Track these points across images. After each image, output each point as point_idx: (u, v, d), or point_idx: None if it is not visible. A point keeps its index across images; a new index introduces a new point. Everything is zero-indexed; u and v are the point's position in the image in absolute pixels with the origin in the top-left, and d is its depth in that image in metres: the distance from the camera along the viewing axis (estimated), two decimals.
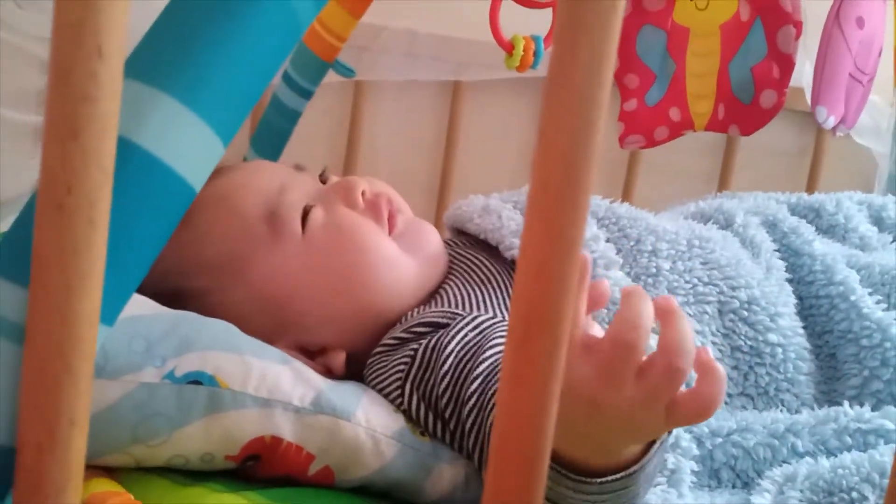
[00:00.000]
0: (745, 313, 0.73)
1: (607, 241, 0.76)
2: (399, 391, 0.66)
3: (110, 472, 0.58)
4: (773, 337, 0.72)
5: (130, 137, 0.31)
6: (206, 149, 0.34)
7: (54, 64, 0.27)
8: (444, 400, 0.63)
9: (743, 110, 0.98)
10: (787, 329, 0.73)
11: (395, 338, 0.69)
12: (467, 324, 0.66)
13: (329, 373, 0.69)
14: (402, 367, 0.66)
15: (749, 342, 0.72)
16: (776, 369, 0.72)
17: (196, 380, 0.58)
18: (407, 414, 0.65)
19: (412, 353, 0.66)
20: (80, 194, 0.27)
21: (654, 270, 0.74)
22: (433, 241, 0.76)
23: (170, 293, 0.67)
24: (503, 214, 0.78)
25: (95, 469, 0.57)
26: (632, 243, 0.76)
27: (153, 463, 0.58)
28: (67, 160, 0.27)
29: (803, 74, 1.15)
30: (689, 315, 0.72)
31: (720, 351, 0.71)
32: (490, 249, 0.79)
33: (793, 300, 0.75)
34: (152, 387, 0.57)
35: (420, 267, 0.73)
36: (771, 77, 0.95)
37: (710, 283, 0.74)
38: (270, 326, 0.69)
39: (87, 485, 0.55)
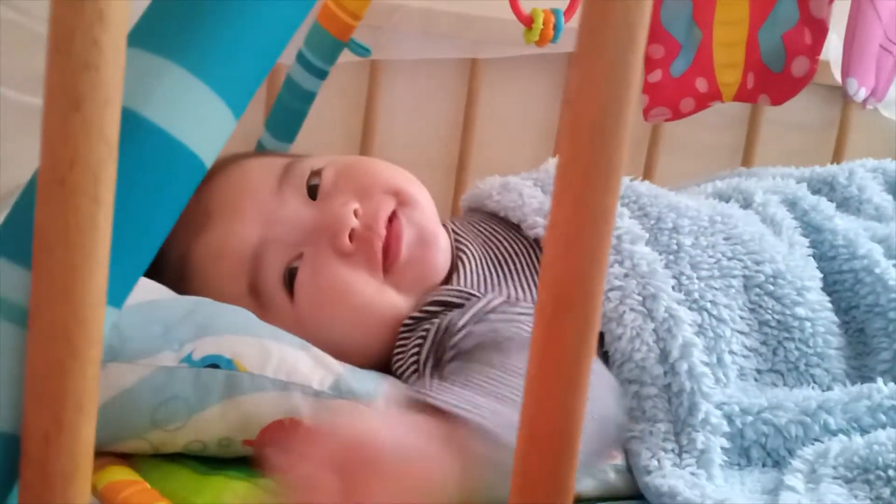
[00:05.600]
0: (772, 287, 0.71)
1: (629, 218, 0.75)
2: (416, 368, 0.66)
3: (128, 459, 0.57)
4: (800, 311, 0.70)
5: (136, 109, 0.29)
6: (217, 121, 0.32)
7: (54, 31, 0.26)
8: (450, 369, 0.63)
9: (773, 79, 0.95)
10: (815, 303, 0.71)
11: (412, 318, 0.69)
12: (483, 305, 0.66)
13: None
14: (416, 348, 0.67)
15: (777, 316, 0.70)
16: (805, 343, 0.70)
17: (214, 363, 0.57)
18: None
19: (425, 333, 0.67)
20: (83, 169, 0.26)
21: (675, 247, 0.72)
22: (438, 262, 0.73)
23: None
24: (524, 192, 0.77)
25: (112, 456, 0.56)
26: (652, 221, 0.75)
27: (171, 449, 0.57)
28: (69, 133, 0.26)
29: (829, 47, 1.12)
30: (716, 289, 0.70)
31: (748, 326, 0.70)
32: (509, 228, 0.77)
33: (818, 275, 0.74)
34: (170, 370, 0.56)
35: (420, 297, 0.71)
36: (803, 43, 0.92)
37: (734, 257, 0.72)
38: None
39: (103, 473, 0.54)
